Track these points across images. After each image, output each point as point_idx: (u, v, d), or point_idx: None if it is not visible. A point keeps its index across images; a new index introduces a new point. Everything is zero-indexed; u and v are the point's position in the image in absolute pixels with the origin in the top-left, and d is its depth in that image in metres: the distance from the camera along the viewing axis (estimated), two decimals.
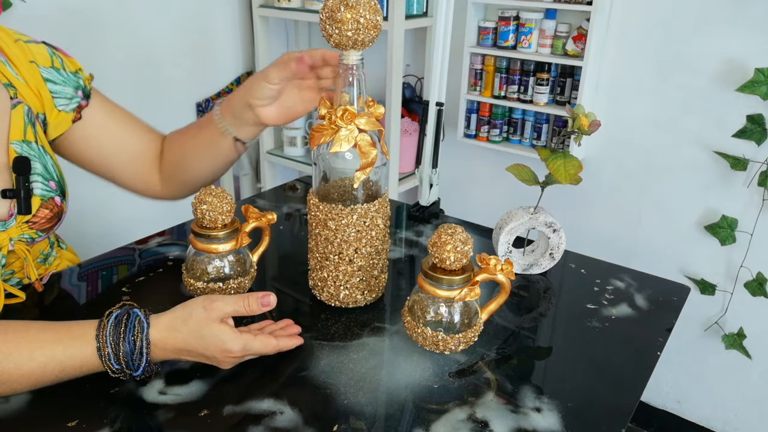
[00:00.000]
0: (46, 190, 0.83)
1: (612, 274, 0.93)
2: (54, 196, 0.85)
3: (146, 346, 0.64)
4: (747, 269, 1.63)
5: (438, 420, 0.63)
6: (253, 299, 0.69)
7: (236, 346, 0.66)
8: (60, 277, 0.90)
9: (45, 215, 0.83)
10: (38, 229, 0.83)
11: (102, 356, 0.63)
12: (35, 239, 0.84)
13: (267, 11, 1.96)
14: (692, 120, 1.63)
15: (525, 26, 1.74)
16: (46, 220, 0.84)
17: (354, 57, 0.71)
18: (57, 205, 0.85)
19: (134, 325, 0.64)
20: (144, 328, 0.64)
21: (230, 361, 0.68)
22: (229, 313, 0.67)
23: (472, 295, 0.69)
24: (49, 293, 0.85)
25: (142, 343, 0.64)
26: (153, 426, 0.62)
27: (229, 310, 0.67)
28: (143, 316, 0.65)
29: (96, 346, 0.63)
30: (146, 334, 0.64)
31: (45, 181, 0.83)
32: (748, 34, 1.49)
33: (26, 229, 0.82)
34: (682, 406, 1.90)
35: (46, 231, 0.85)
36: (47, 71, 0.85)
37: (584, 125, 0.82)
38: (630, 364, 0.73)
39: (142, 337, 0.64)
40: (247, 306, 0.68)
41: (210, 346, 0.66)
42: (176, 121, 1.96)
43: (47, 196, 0.83)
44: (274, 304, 0.69)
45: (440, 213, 1.13)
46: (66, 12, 1.60)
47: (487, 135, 1.94)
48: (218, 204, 0.78)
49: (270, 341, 0.69)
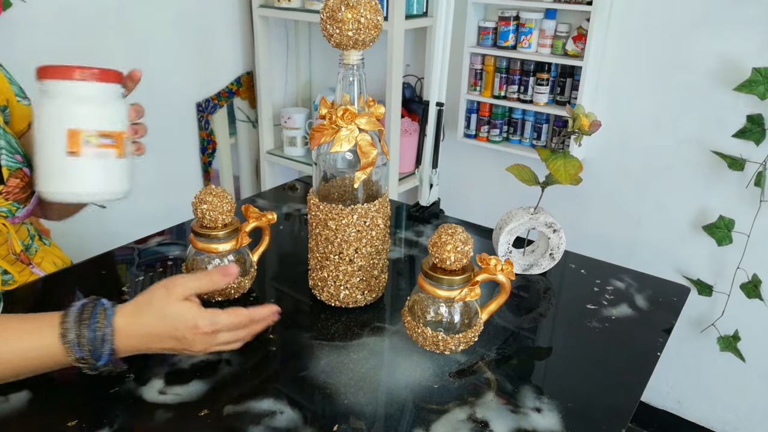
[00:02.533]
0: (12, 161, 0.86)
1: (612, 275, 0.93)
2: (22, 167, 0.87)
3: (110, 333, 0.62)
4: (743, 270, 1.63)
5: (438, 420, 0.63)
6: (215, 272, 0.67)
7: (203, 321, 0.64)
8: (58, 277, 0.90)
9: (16, 184, 0.85)
10: (14, 200, 0.86)
11: (65, 342, 0.61)
12: (15, 213, 0.86)
13: (267, 11, 1.96)
14: (691, 120, 1.63)
15: (525, 26, 1.74)
16: (18, 189, 0.86)
17: (354, 57, 0.72)
18: (27, 175, 0.87)
19: (98, 312, 0.63)
20: (108, 315, 0.63)
21: (202, 341, 0.65)
22: (193, 289, 0.65)
23: (472, 295, 0.69)
24: (47, 294, 0.85)
25: (105, 329, 0.62)
26: (153, 426, 0.62)
27: (192, 286, 0.65)
28: (109, 305, 0.64)
29: (59, 333, 0.61)
30: (110, 321, 0.62)
31: (10, 154, 0.85)
32: (747, 34, 1.49)
33: (2, 201, 0.84)
34: (682, 406, 1.90)
35: (22, 203, 0.87)
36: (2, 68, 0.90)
37: (584, 125, 0.82)
38: (630, 364, 0.73)
39: (105, 323, 0.62)
40: (209, 280, 0.66)
41: (177, 326, 0.64)
42: (176, 121, 1.97)
43: (14, 167, 0.86)
44: (235, 273, 0.68)
45: (440, 213, 1.13)
46: (66, 12, 1.59)
47: (487, 135, 1.94)
48: (218, 204, 0.78)
49: (240, 311, 0.67)
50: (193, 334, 0.64)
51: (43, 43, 1.56)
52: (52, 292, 0.86)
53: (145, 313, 0.64)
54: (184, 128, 2.00)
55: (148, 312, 0.64)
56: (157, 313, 0.63)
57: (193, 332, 0.64)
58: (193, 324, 0.63)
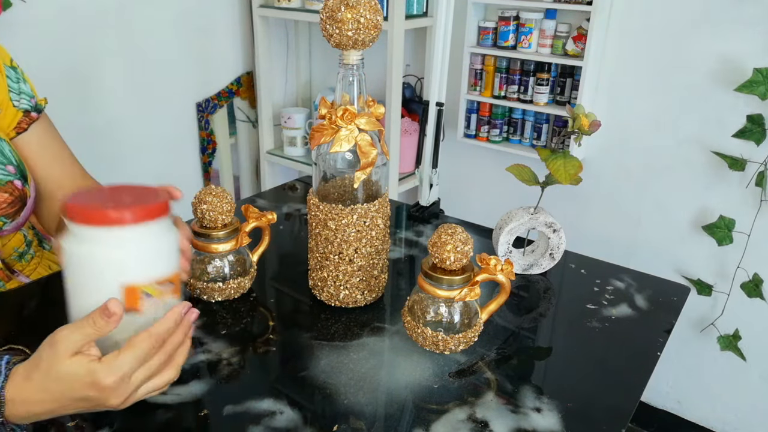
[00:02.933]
0: (2, 173, 0.82)
1: (612, 274, 0.93)
2: (13, 180, 0.83)
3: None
4: (743, 270, 1.63)
5: (438, 420, 0.63)
6: (96, 313, 0.54)
7: (102, 373, 0.53)
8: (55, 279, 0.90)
9: (5, 199, 0.81)
10: (1, 215, 0.82)
11: None
12: (2, 227, 0.83)
13: (267, 11, 1.96)
14: (691, 120, 1.63)
15: (525, 26, 1.74)
16: (7, 204, 0.82)
17: (354, 57, 0.72)
18: (17, 188, 0.84)
19: None
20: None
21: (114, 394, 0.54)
22: (77, 342, 0.53)
23: (472, 295, 0.69)
24: (44, 295, 0.85)
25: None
26: (153, 426, 0.62)
27: (75, 338, 0.53)
28: (4, 367, 0.55)
29: None
30: (0, 389, 0.54)
31: (1, 165, 0.82)
32: (747, 34, 1.49)
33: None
34: (682, 406, 1.90)
35: (10, 217, 0.83)
36: (7, 69, 0.87)
37: (584, 125, 0.82)
38: (630, 364, 0.73)
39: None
40: (92, 324, 0.53)
41: (73, 386, 0.53)
42: (176, 121, 1.97)
43: (5, 180, 0.82)
44: (116, 310, 0.53)
45: (440, 213, 1.13)
46: (66, 12, 1.59)
47: (487, 135, 1.94)
48: (218, 204, 0.78)
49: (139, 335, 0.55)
50: (98, 391, 0.53)
51: (43, 43, 1.56)
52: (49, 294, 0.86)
53: (35, 377, 0.54)
54: (184, 128, 2.00)
55: (36, 375, 0.54)
56: (49, 377, 0.53)
57: (96, 389, 0.53)
58: (90, 381, 0.53)
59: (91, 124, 1.73)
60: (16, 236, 0.91)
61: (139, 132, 1.86)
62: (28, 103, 0.90)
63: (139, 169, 1.89)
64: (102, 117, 1.75)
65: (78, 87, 1.68)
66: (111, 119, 1.78)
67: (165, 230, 0.59)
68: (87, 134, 1.72)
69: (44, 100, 0.93)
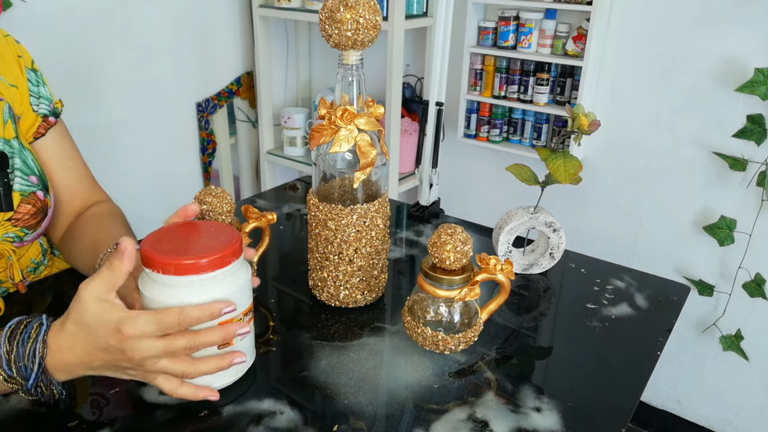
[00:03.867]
0: (26, 184, 0.82)
1: (612, 274, 0.93)
2: (36, 191, 0.83)
3: (41, 350, 0.57)
4: (745, 270, 1.63)
5: (438, 420, 0.63)
6: (114, 257, 0.57)
7: (128, 325, 0.55)
8: (55, 279, 0.90)
9: (27, 210, 0.81)
10: (23, 226, 0.82)
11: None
12: (23, 238, 0.82)
13: (267, 11, 1.96)
14: (692, 120, 1.63)
15: (525, 26, 1.74)
16: (29, 215, 0.82)
17: (353, 57, 0.72)
18: (40, 199, 0.83)
19: (32, 327, 0.58)
20: (42, 331, 0.58)
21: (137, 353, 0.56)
22: (98, 286, 0.57)
23: (472, 295, 0.69)
24: (43, 296, 0.85)
25: (36, 345, 0.57)
26: (153, 426, 0.62)
27: (96, 284, 0.56)
28: (46, 321, 0.59)
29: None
30: (43, 335, 0.57)
31: (25, 175, 0.82)
32: (748, 34, 1.49)
33: (9, 227, 0.80)
34: (682, 406, 1.90)
35: (32, 228, 0.83)
36: (28, 72, 0.87)
37: (584, 125, 0.82)
38: (630, 364, 0.73)
39: (37, 338, 0.57)
40: (108, 267, 0.57)
41: (100, 333, 0.56)
42: (176, 121, 1.97)
43: (28, 191, 0.82)
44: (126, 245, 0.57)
45: (440, 213, 1.13)
46: (66, 12, 1.60)
47: (487, 135, 1.94)
48: (218, 204, 0.78)
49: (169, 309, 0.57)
50: (119, 341, 0.56)
51: (44, 43, 1.56)
52: (48, 294, 0.86)
53: (68, 325, 0.57)
54: (184, 128, 2.00)
55: (69, 323, 0.57)
56: (77, 323, 0.57)
57: (118, 338, 0.56)
58: (114, 327, 0.55)
59: (91, 124, 1.73)
60: (34, 246, 0.90)
61: (139, 132, 1.86)
62: (47, 107, 0.88)
63: (140, 169, 1.89)
64: (102, 117, 1.75)
65: (78, 87, 1.68)
66: (111, 119, 1.78)
67: (240, 267, 0.63)
68: (87, 134, 1.71)
69: (60, 102, 0.92)
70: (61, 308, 0.61)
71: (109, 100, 1.76)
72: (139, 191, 1.88)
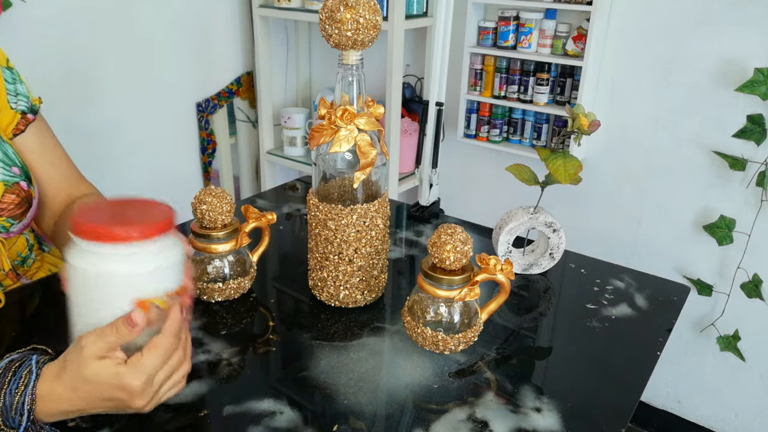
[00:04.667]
0: (9, 175, 0.83)
1: (612, 274, 0.93)
2: (19, 181, 0.84)
3: (30, 402, 0.55)
4: (743, 270, 1.63)
5: (438, 420, 0.63)
6: (120, 322, 0.56)
7: (129, 377, 0.55)
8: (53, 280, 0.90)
9: (12, 200, 0.83)
10: (8, 216, 0.83)
11: None
12: (9, 229, 0.84)
13: (267, 11, 1.96)
14: (692, 120, 1.63)
15: (525, 26, 1.74)
16: (14, 205, 0.83)
17: (353, 57, 0.72)
18: (24, 189, 0.85)
19: (22, 375, 0.56)
20: (31, 381, 0.56)
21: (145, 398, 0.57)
22: (103, 348, 0.55)
23: (472, 295, 0.69)
24: (42, 297, 0.85)
25: (24, 397, 0.55)
26: (153, 426, 0.62)
27: (100, 345, 0.55)
28: (35, 366, 0.57)
29: None
30: (32, 387, 0.55)
31: (6, 167, 0.83)
32: (748, 34, 1.49)
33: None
34: (682, 406, 1.90)
35: (17, 219, 0.84)
36: (3, 70, 0.87)
37: (584, 125, 0.82)
38: (630, 364, 0.73)
39: (25, 391, 0.55)
40: (115, 332, 0.55)
41: (100, 388, 0.56)
42: (176, 121, 1.97)
43: (11, 181, 0.83)
44: (139, 320, 0.56)
45: (440, 213, 1.13)
46: (66, 12, 1.60)
47: (487, 135, 1.93)
48: (218, 204, 0.78)
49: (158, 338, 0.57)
50: (125, 393, 0.56)
51: (43, 43, 1.56)
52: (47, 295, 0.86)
53: (65, 377, 0.56)
54: (184, 128, 2.00)
55: (66, 375, 0.56)
56: (77, 377, 0.55)
57: (124, 391, 0.56)
58: (118, 383, 0.55)
59: (91, 124, 1.73)
60: (20, 240, 0.91)
61: (139, 132, 1.86)
62: (25, 104, 0.90)
63: (139, 169, 1.89)
64: (102, 117, 1.75)
65: (78, 87, 1.68)
66: (111, 119, 1.78)
67: (172, 245, 0.60)
68: (87, 134, 1.72)
69: (39, 99, 0.93)
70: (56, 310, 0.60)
71: (109, 100, 1.76)
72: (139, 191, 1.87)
